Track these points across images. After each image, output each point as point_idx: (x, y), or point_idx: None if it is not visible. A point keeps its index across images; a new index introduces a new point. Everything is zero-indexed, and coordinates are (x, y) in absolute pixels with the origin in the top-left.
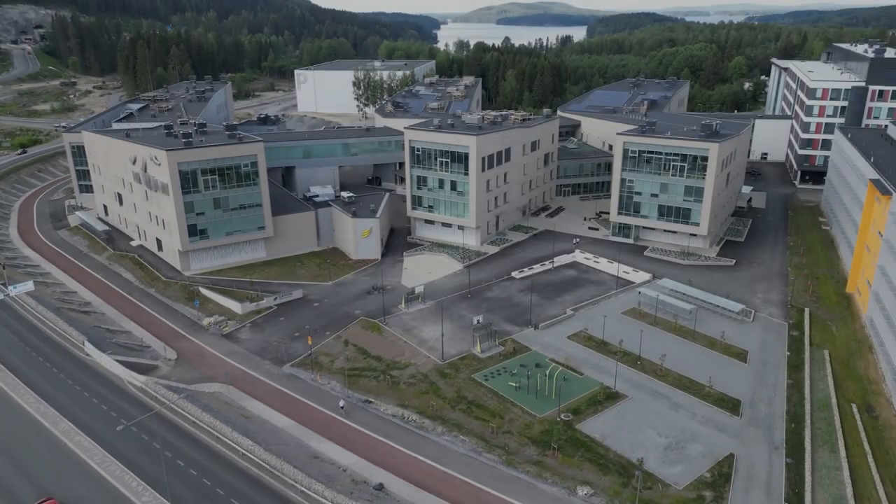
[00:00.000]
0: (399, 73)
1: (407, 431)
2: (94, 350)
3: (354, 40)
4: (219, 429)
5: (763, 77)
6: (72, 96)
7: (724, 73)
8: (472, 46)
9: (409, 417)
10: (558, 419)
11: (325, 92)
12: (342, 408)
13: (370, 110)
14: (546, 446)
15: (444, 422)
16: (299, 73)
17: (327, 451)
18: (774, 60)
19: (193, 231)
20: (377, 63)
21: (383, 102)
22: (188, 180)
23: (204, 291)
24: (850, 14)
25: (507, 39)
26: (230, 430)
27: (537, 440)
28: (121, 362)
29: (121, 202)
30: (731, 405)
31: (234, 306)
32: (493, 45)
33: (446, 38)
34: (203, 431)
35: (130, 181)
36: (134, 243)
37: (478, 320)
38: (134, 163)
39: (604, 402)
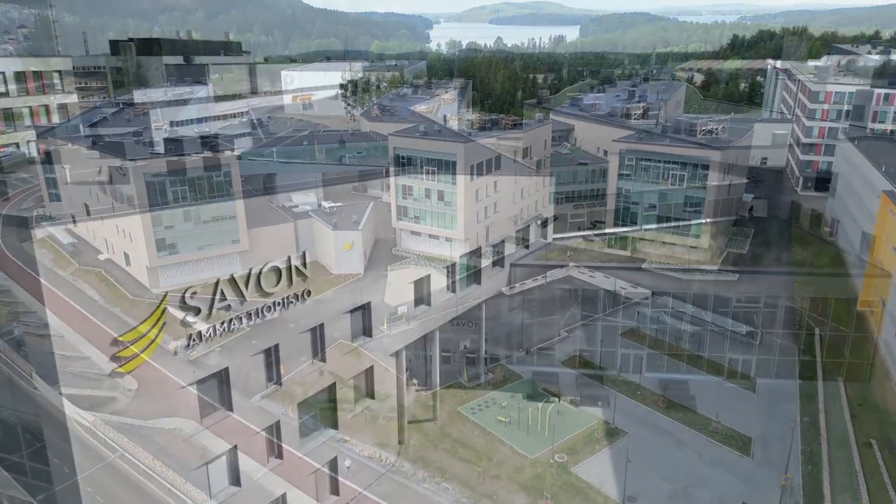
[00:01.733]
0: (388, 74)
1: (383, 477)
2: (42, 383)
3: (346, 40)
4: (170, 479)
5: (758, 78)
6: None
7: (720, 74)
8: (464, 46)
9: (386, 460)
10: (552, 461)
11: (312, 93)
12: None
13: (358, 112)
14: (538, 494)
15: (425, 465)
16: (286, 74)
17: (294, 500)
18: (770, 61)
19: (162, 245)
20: (366, 64)
21: (371, 105)
22: (156, 191)
23: (172, 311)
24: (842, 14)
25: (499, 39)
26: (183, 480)
27: (528, 486)
28: (71, 396)
29: (88, 213)
30: (741, 443)
31: (204, 328)
32: (486, 45)
33: (439, 38)
34: (153, 482)
35: (97, 191)
36: (102, 257)
37: (465, 345)
38: (99, 172)
39: (602, 440)
